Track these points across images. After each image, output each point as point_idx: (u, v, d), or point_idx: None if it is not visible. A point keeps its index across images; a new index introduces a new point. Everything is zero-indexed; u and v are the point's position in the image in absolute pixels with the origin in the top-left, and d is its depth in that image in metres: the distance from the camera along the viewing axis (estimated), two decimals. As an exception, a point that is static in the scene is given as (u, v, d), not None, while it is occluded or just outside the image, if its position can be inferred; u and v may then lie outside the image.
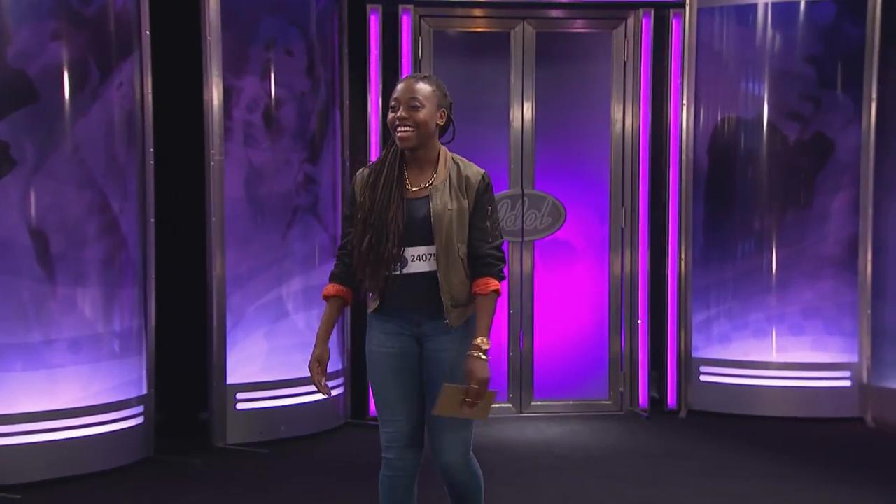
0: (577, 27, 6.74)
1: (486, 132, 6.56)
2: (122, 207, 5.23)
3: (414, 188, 3.19)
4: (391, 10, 6.40)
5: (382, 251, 3.11)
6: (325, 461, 5.53)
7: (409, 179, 3.20)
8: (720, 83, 6.58)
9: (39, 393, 4.92)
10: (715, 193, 6.63)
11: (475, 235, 3.17)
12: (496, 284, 3.16)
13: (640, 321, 6.68)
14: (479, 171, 3.22)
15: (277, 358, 5.89)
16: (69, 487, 4.91)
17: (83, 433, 5.06)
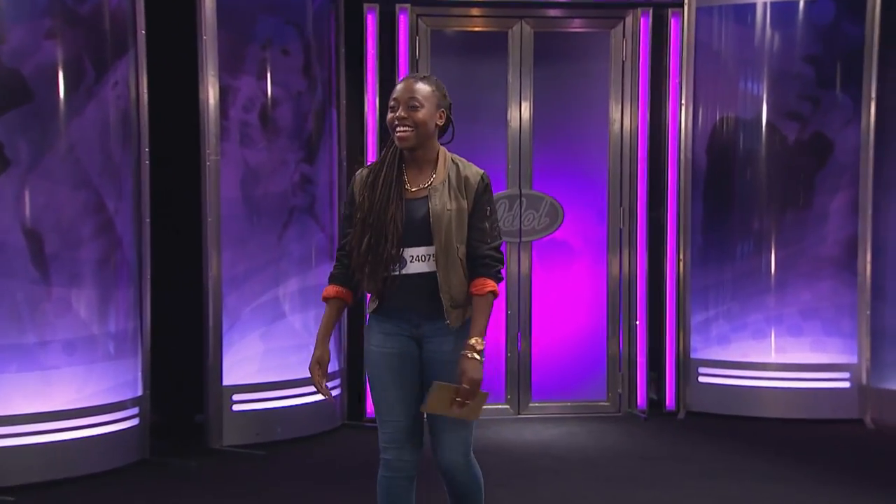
0: (575, 26, 6.73)
1: (483, 132, 6.54)
2: (117, 208, 5.21)
3: (413, 188, 3.18)
4: (388, 9, 6.38)
5: (381, 252, 3.10)
6: (321, 463, 5.52)
7: (408, 180, 3.19)
8: (719, 83, 6.57)
9: (34, 394, 4.90)
10: (713, 194, 6.62)
11: (474, 236, 3.16)
12: (493, 285, 3.16)
13: (638, 322, 6.67)
14: (478, 171, 3.21)
15: (274, 359, 5.88)
16: (64, 489, 4.89)
17: (78, 435, 5.03)
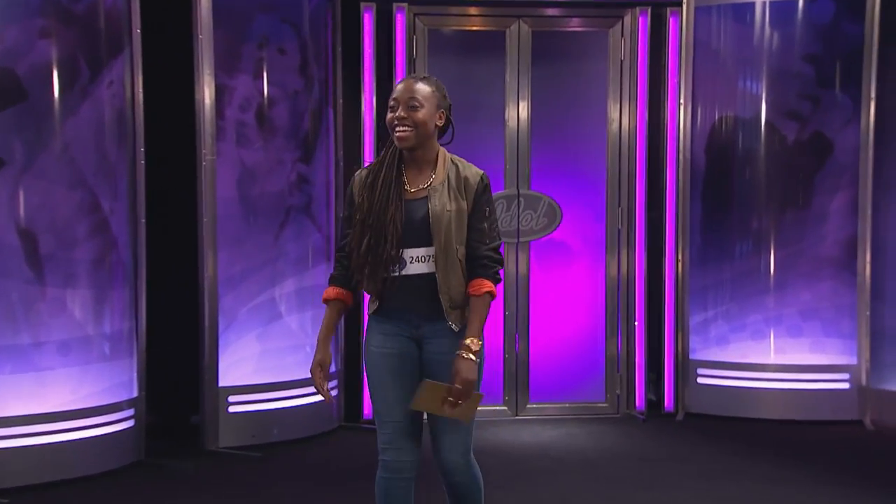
0: (573, 26, 6.71)
1: (481, 132, 6.52)
2: (112, 208, 5.19)
3: (412, 189, 3.17)
4: (385, 8, 6.36)
5: (381, 252, 3.10)
6: (318, 464, 5.50)
7: (407, 180, 3.19)
8: (718, 82, 6.55)
9: (28, 396, 4.88)
10: (712, 194, 6.60)
11: (472, 236, 3.16)
12: (490, 286, 3.15)
13: (636, 323, 6.65)
14: (477, 171, 3.21)
15: (270, 360, 5.86)
16: (58, 491, 4.87)
17: (73, 437, 5.02)
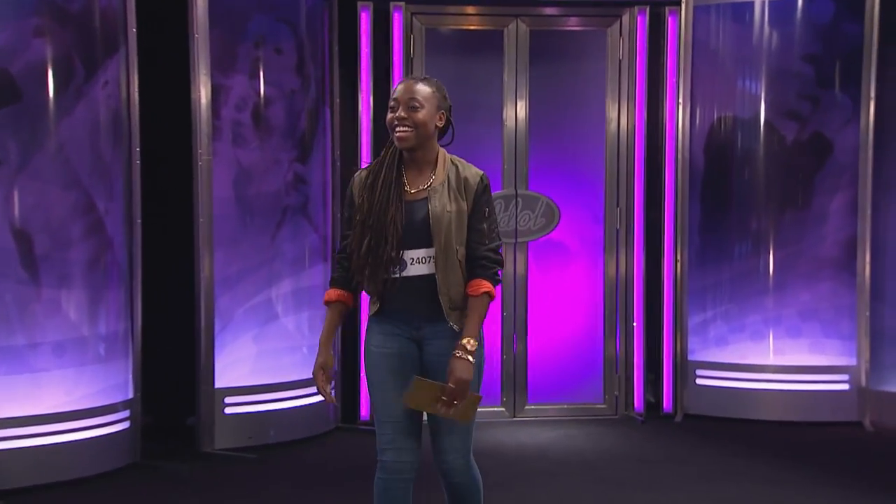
0: (571, 25, 6.69)
1: (478, 131, 6.50)
2: (107, 208, 5.18)
3: (412, 190, 3.17)
4: (382, 7, 6.34)
5: (381, 253, 3.10)
6: (315, 466, 5.48)
7: (407, 181, 3.19)
8: (717, 82, 6.54)
9: (23, 397, 4.87)
10: (711, 194, 6.59)
11: (472, 237, 3.16)
12: (488, 286, 3.14)
13: (635, 323, 6.64)
14: (477, 172, 3.21)
15: (267, 361, 5.85)
16: (53, 493, 4.85)
17: (68, 438, 5.00)
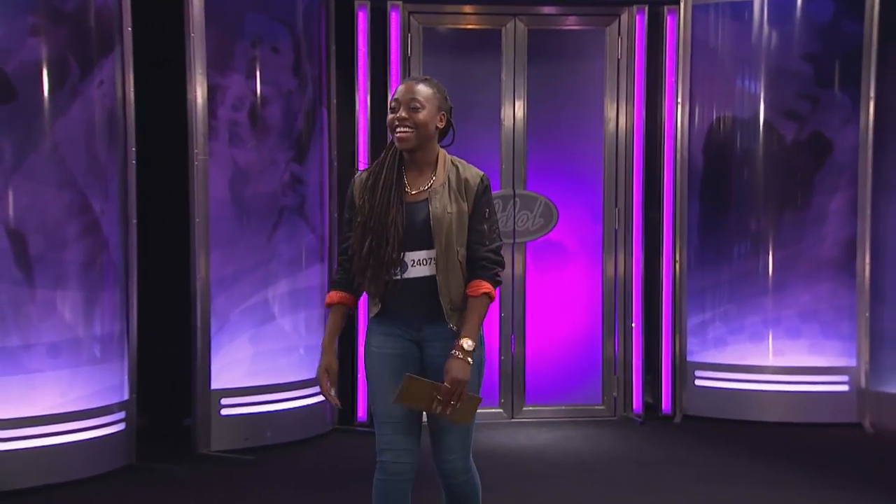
0: (569, 24, 6.67)
1: (476, 131, 6.47)
2: (103, 208, 5.16)
3: (413, 191, 3.18)
4: (379, 6, 6.31)
5: (383, 255, 3.11)
6: (312, 468, 5.47)
7: (408, 182, 3.20)
8: (716, 81, 6.52)
9: (17, 399, 4.84)
10: (710, 194, 6.57)
11: (472, 238, 3.17)
12: (488, 287, 3.15)
13: (633, 324, 6.62)
14: (477, 173, 3.22)
15: (263, 362, 5.83)
16: (47, 496, 4.83)
17: (62, 440, 4.98)
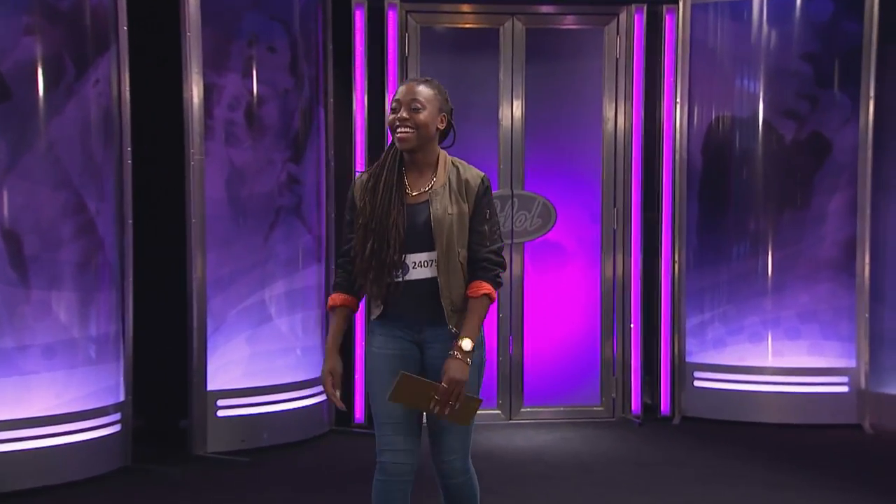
0: (567, 23, 6.66)
1: (474, 131, 6.44)
2: (98, 208, 5.14)
3: (414, 193, 3.19)
4: (377, 5, 6.30)
5: (385, 257, 3.11)
6: (309, 469, 5.46)
7: (408, 184, 3.20)
8: (714, 81, 6.50)
9: (12, 400, 4.82)
10: (709, 194, 6.55)
11: (473, 239, 3.18)
12: (488, 288, 3.15)
13: (632, 325, 6.60)
14: (478, 174, 3.23)
15: (260, 363, 5.81)
16: (43, 498, 4.81)
17: (58, 442, 4.95)
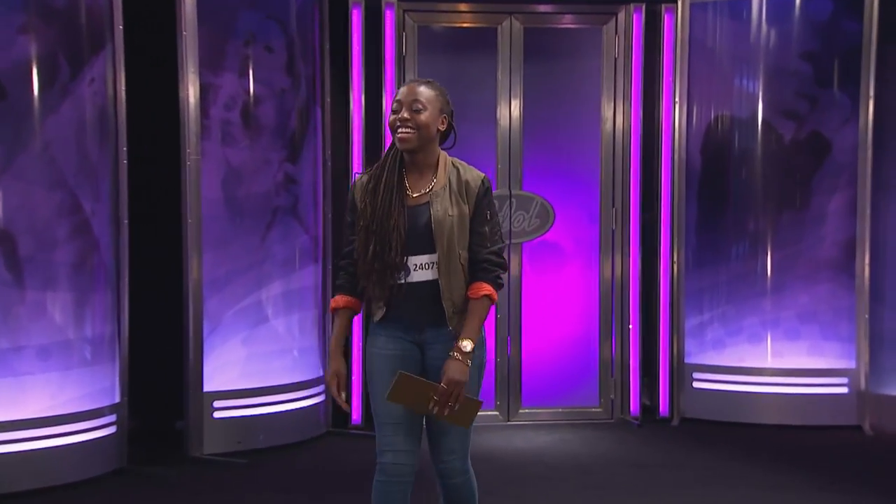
0: (566, 22, 6.64)
1: (472, 131, 6.41)
2: (93, 209, 5.12)
3: (414, 194, 3.19)
4: (374, 4, 6.28)
5: (387, 259, 3.11)
6: (305, 471, 5.45)
7: (409, 185, 3.20)
8: (713, 80, 6.49)
9: (7, 402, 4.81)
10: (708, 194, 6.54)
11: (474, 240, 3.19)
12: (488, 289, 3.16)
13: (631, 326, 6.59)
14: (478, 175, 3.24)
15: (256, 364, 5.80)
16: (38, 499, 4.80)
17: (53, 443, 4.94)
